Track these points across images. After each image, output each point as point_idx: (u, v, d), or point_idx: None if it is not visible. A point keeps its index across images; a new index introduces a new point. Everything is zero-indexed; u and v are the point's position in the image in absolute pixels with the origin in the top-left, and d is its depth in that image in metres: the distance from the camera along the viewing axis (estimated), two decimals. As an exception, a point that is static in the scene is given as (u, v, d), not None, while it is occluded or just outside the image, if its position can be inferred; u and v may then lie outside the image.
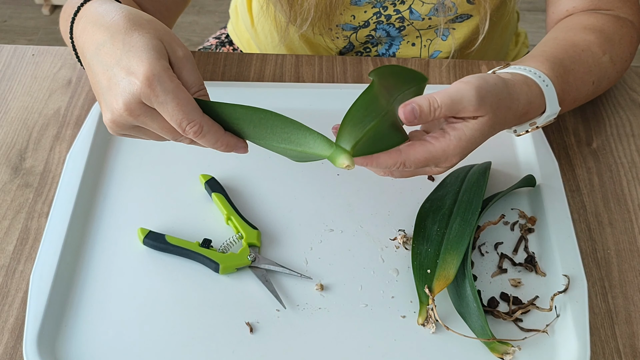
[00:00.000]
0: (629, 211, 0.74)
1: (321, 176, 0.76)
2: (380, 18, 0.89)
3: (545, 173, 0.75)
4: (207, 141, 0.56)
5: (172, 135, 0.57)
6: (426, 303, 0.63)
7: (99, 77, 0.56)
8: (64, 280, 0.66)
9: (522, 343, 0.62)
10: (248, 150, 0.59)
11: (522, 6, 2.35)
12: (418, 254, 0.66)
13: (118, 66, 0.54)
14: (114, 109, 0.54)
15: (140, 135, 0.58)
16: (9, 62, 0.89)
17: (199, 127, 0.54)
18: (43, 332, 0.62)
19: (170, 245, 0.68)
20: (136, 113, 0.54)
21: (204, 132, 0.55)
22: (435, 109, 0.57)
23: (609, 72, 0.78)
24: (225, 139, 0.57)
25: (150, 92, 0.52)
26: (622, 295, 0.67)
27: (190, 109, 0.54)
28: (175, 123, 0.54)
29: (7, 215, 0.73)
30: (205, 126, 0.55)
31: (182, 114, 0.53)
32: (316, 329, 0.64)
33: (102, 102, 0.57)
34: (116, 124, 0.56)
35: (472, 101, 0.58)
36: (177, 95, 0.53)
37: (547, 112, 0.67)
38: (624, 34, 0.80)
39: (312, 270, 0.68)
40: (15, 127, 0.81)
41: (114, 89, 0.54)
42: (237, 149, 0.58)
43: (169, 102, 0.53)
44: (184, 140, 0.58)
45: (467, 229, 0.66)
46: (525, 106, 0.64)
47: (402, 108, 0.56)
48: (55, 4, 2.40)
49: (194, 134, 0.54)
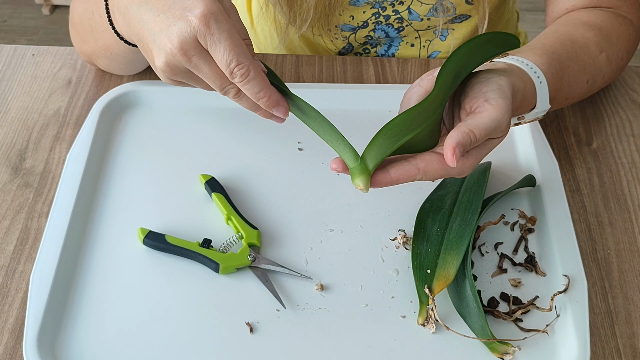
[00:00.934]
0: (629, 211, 0.74)
1: (321, 176, 0.76)
2: (379, 18, 0.89)
3: (545, 173, 0.75)
4: (252, 88, 0.55)
5: (221, 81, 0.56)
6: (426, 303, 0.63)
7: (149, 25, 0.57)
8: (64, 280, 0.66)
9: (522, 343, 0.62)
10: (287, 116, 0.59)
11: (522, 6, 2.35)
12: (418, 254, 0.66)
13: (171, 10, 0.55)
14: (168, 50, 0.55)
15: (191, 82, 0.58)
16: (9, 62, 0.89)
17: (246, 69, 0.55)
18: (43, 332, 0.62)
19: (170, 245, 0.68)
20: (190, 53, 0.55)
21: (250, 76, 0.55)
22: (475, 142, 0.56)
23: (604, 70, 0.78)
24: (270, 91, 0.57)
25: (206, 30, 0.54)
26: (622, 295, 0.67)
27: (241, 51, 0.55)
28: (225, 64, 0.54)
29: (7, 215, 0.73)
30: (253, 71, 0.55)
31: (233, 54, 0.54)
32: (316, 329, 0.64)
33: (153, 49, 0.57)
34: (170, 67, 0.56)
35: (504, 127, 0.58)
36: (231, 35, 0.54)
37: (537, 109, 0.67)
38: (622, 31, 0.80)
39: (312, 270, 0.68)
40: (15, 127, 0.81)
41: (168, 30, 0.55)
42: (278, 107, 0.57)
43: (223, 41, 0.54)
44: (230, 91, 0.57)
45: (467, 229, 0.66)
46: (519, 102, 0.64)
47: (449, 149, 0.55)
48: (55, 4, 2.40)
49: (241, 76, 0.54)
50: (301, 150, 0.78)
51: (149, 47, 0.58)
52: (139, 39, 0.60)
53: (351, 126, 0.80)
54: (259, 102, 0.57)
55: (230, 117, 0.81)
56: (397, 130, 0.56)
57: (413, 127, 0.56)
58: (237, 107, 0.81)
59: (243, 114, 0.81)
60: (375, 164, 0.56)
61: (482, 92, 0.59)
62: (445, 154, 0.55)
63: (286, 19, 0.86)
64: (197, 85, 0.60)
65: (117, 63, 0.81)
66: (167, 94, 0.83)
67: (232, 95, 0.58)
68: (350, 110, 0.81)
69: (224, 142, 0.79)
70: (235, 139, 0.79)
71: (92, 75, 0.87)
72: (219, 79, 0.57)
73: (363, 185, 0.55)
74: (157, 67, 0.58)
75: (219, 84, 0.57)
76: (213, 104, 0.82)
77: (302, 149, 0.78)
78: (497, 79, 0.60)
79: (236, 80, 0.55)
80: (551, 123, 0.83)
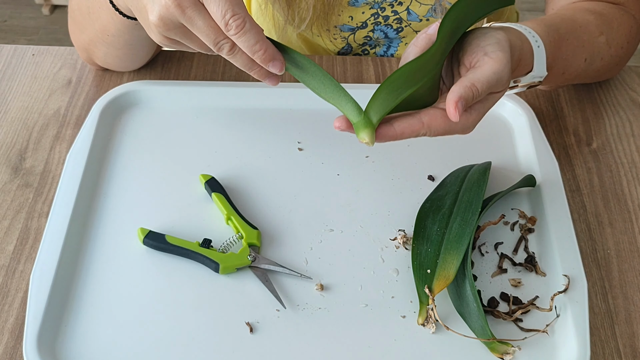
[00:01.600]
0: (629, 211, 0.74)
1: (321, 176, 0.76)
2: (378, 19, 0.89)
3: (545, 173, 0.75)
4: (248, 40, 0.54)
5: (215, 35, 0.55)
6: (426, 303, 0.63)
7: None
8: (64, 280, 0.66)
9: (522, 343, 0.62)
10: (283, 72, 0.57)
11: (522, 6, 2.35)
12: (418, 254, 0.66)
13: None
14: (162, 2, 0.55)
15: (184, 39, 0.58)
16: (9, 62, 0.89)
17: (242, 20, 0.54)
18: (43, 332, 0.62)
19: (170, 245, 0.68)
20: (184, 4, 0.54)
21: (246, 27, 0.54)
22: (477, 96, 0.56)
23: (602, 52, 0.78)
24: (266, 44, 0.55)
25: None
26: (622, 295, 0.67)
27: (236, 2, 0.54)
28: (220, 15, 0.54)
29: (7, 215, 0.73)
30: (249, 23, 0.54)
31: (229, 4, 0.54)
32: (316, 329, 0.64)
33: (147, 4, 0.57)
34: (163, 22, 0.56)
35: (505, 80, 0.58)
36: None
37: (534, 72, 0.66)
38: (624, 21, 0.80)
39: (312, 270, 0.68)
40: (15, 127, 0.81)
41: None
42: (274, 62, 0.56)
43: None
44: (224, 47, 0.56)
45: (467, 229, 0.66)
46: (517, 61, 0.64)
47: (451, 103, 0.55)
48: (55, 4, 2.40)
49: (236, 27, 0.54)
50: (301, 150, 0.78)
51: (142, 3, 0.57)
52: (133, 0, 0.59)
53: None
54: (255, 55, 0.56)
55: (230, 117, 0.81)
56: (399, 84, 0.55)
57: (415, 81, 0.55)
58: (237, 107, 0.82)
59: (243, 114, 0.81)
60: (380, 118, 0.55)
61: (480, 46, 0.59)
62: (447, 108, 0.55)
63: (284, 18, 0.86)
64: (191, 43, 0.58)
65: (113, 49, 0.80)
66: (167, 94, 0.83)
67: (227, 51, 0.57)
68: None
69: (224, 142, 0.79)
70: (235, 139, 0.79)
71: (92, 75, 0.87)
72: (213, 33, 0.55)
73: (368, 139, 0.54)
74: (151, 23, 0.57)
75: (213, 38, 0.56)
76: (213, 104, 0.82)
77: (302, 149, 0.78)
78: (495, 33, 0.60)
79: (231, 33, 0.54)
80: (551, 123, 0.83)
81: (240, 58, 0.57)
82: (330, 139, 0.79)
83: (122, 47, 0.79)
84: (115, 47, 0.79)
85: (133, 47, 0.80)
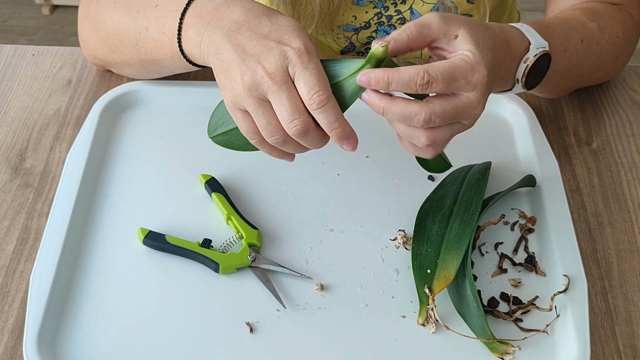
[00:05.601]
0: (629, 211, 0.74)
1: (321, 176, 0.76)
2: (382, 19, 0.89)
3: (545, 173, 0.75)
4: (328, 117, 0.56)
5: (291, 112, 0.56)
6: (426, 303, 0.63)
7: (240, 50, 0.58)
8: (64, 280, 0.66)
9: (522, 343, 0.62)
10: (356, 149, 0.59)
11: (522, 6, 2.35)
12: (418, 254, 0.66)
13: (267, 40, 0.58)
14: (258, 73, 0.56)
15: (255, 111, 0.58)
16: (9, 62, 0.89)
17: (327, 96, 0.56)
18: (43, 332, 0.62)
19: (170, 245, 0.68)
20: (276, 79, 0.56)
21: (330, 104, 0.56)
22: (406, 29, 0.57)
23: (597, 37, 0.77)
24: (344, 122, 0.57)
25: (298, 60, 0.56)
26: (622, 295, 0.67)
27: (324, 81, 0.56)
28: (307, 89, 0.55)
29: (7, 215, 0.73)
30: (332, 100, 0.56)
31: (317, 80, 0.55)
32: (316, 329, 0.64)
33: (236, 69, 0.58)
34: (249, 89, 0.57)
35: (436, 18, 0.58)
36: (319, 67, 0.56)
37: (533, 43, 0.66)
38: (615, 14, 0.79)
39: (312, 270, 0.68)
40: (15, 127, 0.81)
41: (261, 56, 0.57)
42: (349, 140, 0.58)
43: (310, 70, 0.56)
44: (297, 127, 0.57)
45: (467, 229, 0.66)
46: (501, 34, 0.63)
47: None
48: (55, 4, 2.40)
49: (319, 102, 0.55)
50: (301, 150, 0.78)
51: (232, 67, 0.58)
52: (220, 59, 0.60)
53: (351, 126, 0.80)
54: (332, 132, 0.57)
55: (230, 117, 0.81)
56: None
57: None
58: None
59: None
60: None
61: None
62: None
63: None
64: (259, 118, 0.59)
65: (153, 73, 0.80)
66: (167, 94, 0.83)
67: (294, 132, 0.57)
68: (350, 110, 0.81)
69: (224, 142, 0.79)
70: (235, 139, 0.79)
71: (92, 75, 0.87)
72: (292, 109, 0.56)
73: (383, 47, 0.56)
74: (236, 86, 0.58)
75: (289, 114, 0.56)
76: (213, 104, 0.82)
77: (302, 149, 0.78)
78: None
79: (313, 107, 0.56)
80: (551, 123, 0.83)
81: (323, 122, 0.57)
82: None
83: (164, 74, 0.80)
84: (157, 73, 0.80)
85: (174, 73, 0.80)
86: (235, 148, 0.65)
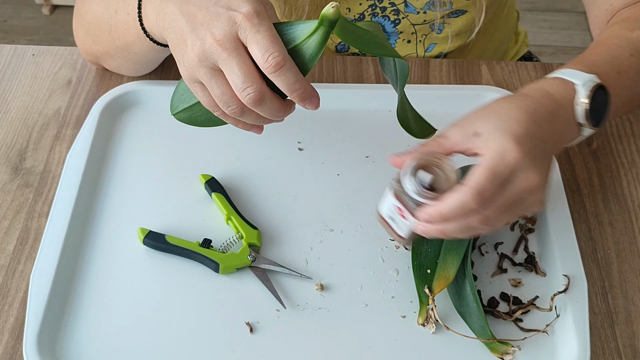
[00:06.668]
0: (629, 211, 0.74)
1: (321, 176, 0.76)
2: (376, 10, 0.89)
3: (545, 173, 0.75)
4: (287, 79, 0.55)
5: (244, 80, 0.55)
6: (426, 303, 0.63)
7: (189, 18, 0.57)
8: (64, 280, 0.66)
9: (522, 343, 0.62)
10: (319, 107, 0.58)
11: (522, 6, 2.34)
12: (418, 254, 0.66)
13: (215, 6, 0.56)
14: (207, 41, 0.55)
15: (210, 82, 0.57)
16: (9, 62, 0.89)
17: (282, 58, 0.54)
18: (43, 332, 0.62)
19: (170, 245, 0.68)
20: (226, 45, 0.55)
21: (286, 66, 0.54)
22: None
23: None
24: (304, 82, 0.56)
25: (248, 24, 0.55)
26: (622, 295, 0.67)
27: (278, 42, 0.55)
28: (260, 52, 0.54)
29: (7, 215, 0.73)
30: (289, 62, 0.55)
31: (270, 42, 0.54)
32: (316, 329, 0.64)
33: (188, 39, 0.57)
34: (199, 58, 0.56)
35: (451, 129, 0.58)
36: (270, 29, 0.55)
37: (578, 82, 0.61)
38: None
39: (312, 270, 0.68)
40: (15, 127, 0.81)
41: (210, 24, 0.56)
42: (312, 99, 0.57)
43: (262, 32, 0.54)
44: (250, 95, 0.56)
45: (467, 229, 0.66)
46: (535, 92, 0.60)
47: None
48: (55, 4, 2.40)
49: (275, 65, 0.54)
50: (301, 150, 0.78)
51: (183, 38, 0.58)
52: (173, 31, 0.59)
53: (351, 126, 0.80)
54: (294, 94, 0.56)
55: (230, 117, 0.81)
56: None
57: None
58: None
59: (243, 114, 0.81)
60: None
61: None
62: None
63: (280, 13, 0.86)
64: (213, 89, 0.58)
65: (132, 63, 0.80)
66: (167, 94, 0.82)
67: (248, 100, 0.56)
68: (350, 110, 0.81)
69: (224, 142, 0.79)
70: (235, 139, 0.79)
71: (92, 75, 0.87)
72: (243, 76, 0.55)
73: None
74: (187, 57, 0.57)
75: (241, 82, 0.56)
76: (213, 104, 0.82)
77: (302, 149, 0.78)
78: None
79: (270, 70, 0.54)
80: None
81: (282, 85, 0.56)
82: (330, 139, 0.79)
83: (141, 62, 0.80)
84: (134, 62, 0.80)
85: (152, 63, 0.81)
86: (199, 124, 0.64)
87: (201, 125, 0.64)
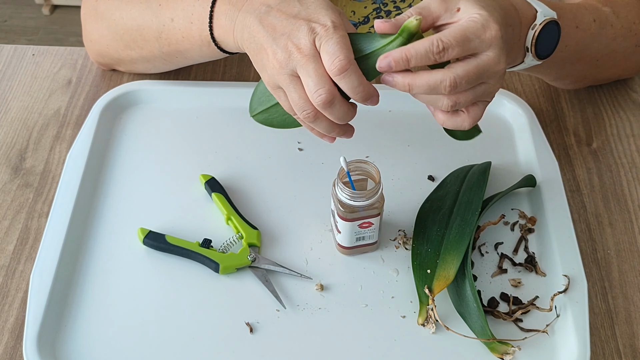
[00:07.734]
0: (629, 211, 0.74)
1: (321, 176, 0.76)
2: (380, 14, 0.89)
3: (545, 173, 0.75)
4: (350, 82, 0.57)
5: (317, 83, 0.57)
6: (426, 303, 0.63)
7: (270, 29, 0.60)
8: (64, 280, 0.66)
9: (522, 343, 0.62)
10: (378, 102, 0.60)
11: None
12: (418, 254, 0.66)
13: (296, 18, 0.59)
14: (287, 48, 0.58)
15: (289, 87, 0.60)
16: (9, 62, 0.89)
17: (347, 62, 0.56)
18: (43, 332, 0.62)
19: (170, 245, 0.68)
20: (304, 52, 0.57)
21: (350, 70, 0.57)
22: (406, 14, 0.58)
23: (611, 20, 0.77)
24: (368, 84, 0.58)
25: (324, 33, 0.57)
26: (622, 295, 0.67)
27: (346, 49, 0.57)
28: (328, 56, 0.57)
29: (7, 215, 0.73)
30: (353, 66, 0.57)
31: (339, 48, 0.56)
32: (316, 329, 0.64)
33: (269, 48, 0.60)
34: (281, 66, 0.59)
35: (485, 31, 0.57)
36: (343, 36, 0.57)
37: (540, 11, 0.66)
38: (632, 1, 0.79)
39: (312, 270, 0.68)
40: (15, 127, 0.81)
41: (290, 33, 0.59)
42: (373, 96, 0.59)
43: (334, 39, 0.57)
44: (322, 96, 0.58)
45: (467, 229, 0.66)
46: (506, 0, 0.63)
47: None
48: (55, 4, 2.40)
49: (340, 68, 0.56)
50: (301, 150, 0.78)
51: (264, 47, 0.60)
52: (254, 41, 0.62)
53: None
54: (356, 95, 0.58)
55: (230, 117, 0.81)
56: None
57: None
58: (237, 107, 0.82)
59: (243, 114, 0.81)
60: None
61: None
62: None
63: None
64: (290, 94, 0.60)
65: (169, 65, 0.81)
66: (167, 94, 0.83)
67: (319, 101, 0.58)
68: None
69: (224, 142, 0.79)
70: (235, 139, 0.79)
71: (92, 75, 0.87)
72: (317, 78, 0.58)
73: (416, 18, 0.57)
74: (269, 65, 0.60)
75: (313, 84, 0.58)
76: (213, 104, 0.82)
77: (302, 149, 0.78)
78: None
79: (334, 73, 0.57)
80: (551, 123, 0.83)
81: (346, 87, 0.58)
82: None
83: (180, 65, 0.81)
84: (174, 64, 0.80)
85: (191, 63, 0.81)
86: (275, 125, 0.66)
87: (277, 126, 0.66)
